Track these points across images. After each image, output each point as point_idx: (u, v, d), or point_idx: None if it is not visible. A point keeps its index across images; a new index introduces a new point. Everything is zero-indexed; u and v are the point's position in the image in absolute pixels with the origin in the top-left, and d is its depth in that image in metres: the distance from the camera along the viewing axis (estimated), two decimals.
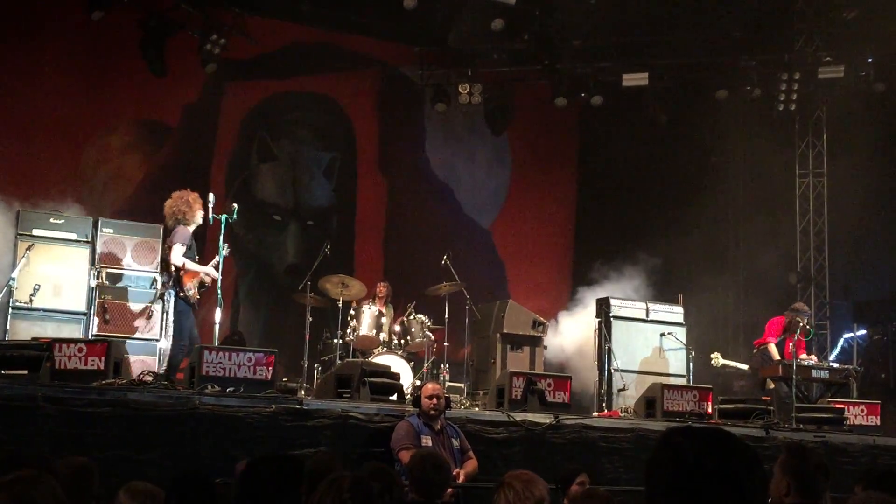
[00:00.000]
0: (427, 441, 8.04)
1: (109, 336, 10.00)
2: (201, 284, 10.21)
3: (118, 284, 10.90)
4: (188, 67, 14.41)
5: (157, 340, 10.80)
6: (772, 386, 12.39)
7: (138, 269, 11.03)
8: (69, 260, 10.79)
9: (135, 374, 9.06)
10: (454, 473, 7.75)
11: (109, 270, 10.87)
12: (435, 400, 8.24)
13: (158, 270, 10.76)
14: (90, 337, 10.22)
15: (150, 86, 14.33)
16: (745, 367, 13.58)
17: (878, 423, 11.52)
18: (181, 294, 10.01)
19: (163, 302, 10.44)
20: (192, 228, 10.20)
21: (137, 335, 10.72)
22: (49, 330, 10.21)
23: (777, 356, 12.41)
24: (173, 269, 10.01)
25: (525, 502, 4.10)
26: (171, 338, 9.99)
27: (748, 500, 2.15)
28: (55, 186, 12.44)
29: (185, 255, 10.01)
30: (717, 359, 13.47)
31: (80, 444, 7.19)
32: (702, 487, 2.12)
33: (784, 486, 4.35)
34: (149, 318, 10.79)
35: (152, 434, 7.68)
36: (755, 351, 13.13)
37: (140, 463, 7.34)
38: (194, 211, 10.17)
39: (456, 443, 8.31)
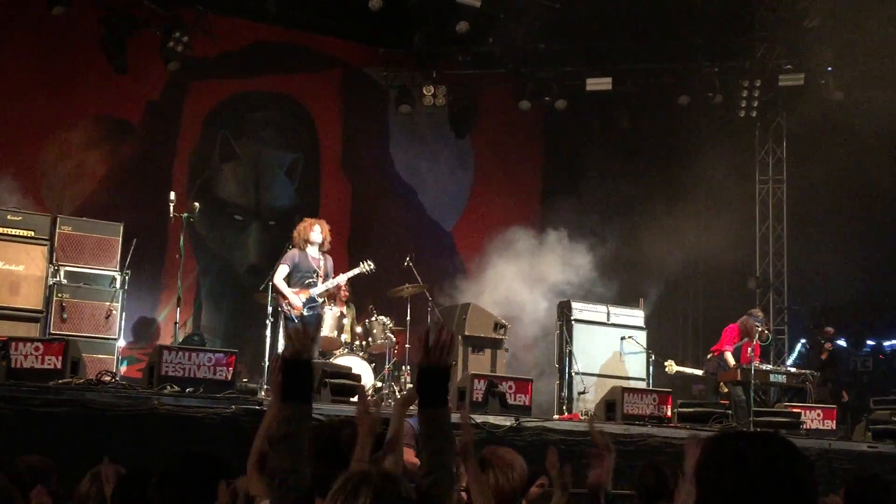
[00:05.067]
0: None
1: (67, 335, 9.86)
2: (311, 300, 11.19)
3: (77, 283, 10.75)
4: (151, 65, 14.28)
5: (116, 340, 10.69)
6: (725, 390, 12.53)
7: (98, 268, 10.87)
8: (27, 257, 10.61)
9: (93, 374, 8.97)
10: None
11: (68, 268, 10.71)
12: None
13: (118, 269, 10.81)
14: (47, 336, 10.09)
15: (112, 82, 14.18)
16: (699, 372, 13.69)
17: (834, 427, 11.68)
18: (281, 310, 11.20)
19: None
20: (310, 251, 11.28)
21: (96, 334, 10.58)
22: (5, 328, 10.04)
23: (733, 362, 12.55)
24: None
25: (510, 482, 4.16)
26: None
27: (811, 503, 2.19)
28: (13, 182, 12.27)
29: (294, 274, 11.19)
30: (672, 366, 13.56)
31: (37, 444, 7.07)
32: (769, 491, 2.14)
33: None
34: (108, 317, 10.66)
35: (110, 434, 7.60)
36: (709, 357, 13.26)
37: (97, 463, 7.24)
38: (307, 232, 11.30)
39: None
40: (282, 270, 11.24)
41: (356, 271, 11.82)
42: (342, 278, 11.67)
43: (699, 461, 2.27)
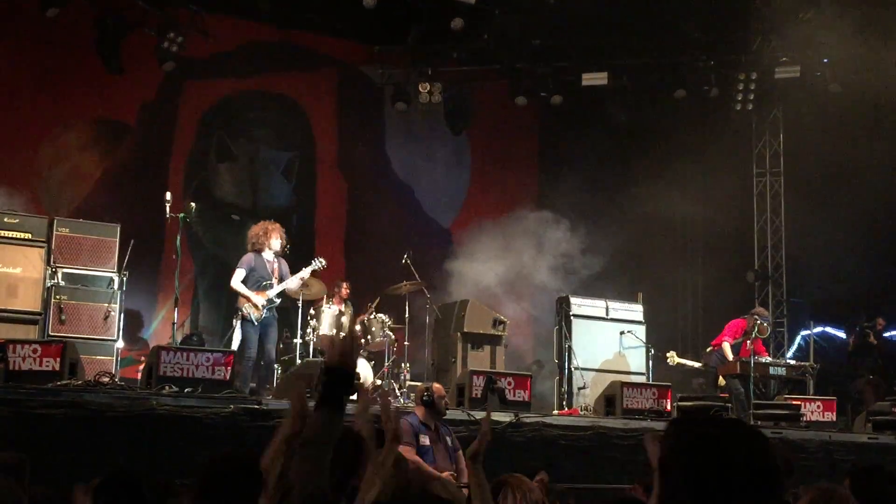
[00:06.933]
0: (425, 440, 8.16)
1: (65, 337, 9.85)
2: (270, 301, 11.15)
3: (75, 284, 10.72)
4: (145, 65, 14.25)
5: (115, 341, 10.67)
6: (723, 383, 12.54)
7: (95, 269, 10.85)
8: (24, 260, 10.59)
9: (91, 376, 8.96)
10: (447, 474, 7.81)
11: (66, 270, 10.70)
12: (446, 399, 8.61)
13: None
14: (46, 338, 10.07)
15: (107, 84, 14.17)
16: (698, 364, 13.69)
17: (835, 418, 11.68)
18: (240, 312, 11.16)
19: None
20: (265, 255, 11.29)
21: (94, 336, 10.56)
22: (4, 331, 10.01)
23: (731, 356, 12.54)
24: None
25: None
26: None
27: (781, 498, 2.15)
28: (10, 185, 12.25)
29: (250, 277, 11.11)
30: (673, 357, 13.55)
31: (35, 446, 7.07)
32: (735, 476, 2.08)
33: None
34: (106, 318, 10.64)
35: (109, 435, 7.59)
36: (708, 350, 13.26)
37: (96, 465, 7.24)
38: (268, 238, 11.31)
39: (450, 441, 8.38)
40: (238, 274, 11.22)
41: (310, 269, 11.80)
42: (295, 279, 11.57)
43: (663, 447, 2.18)
